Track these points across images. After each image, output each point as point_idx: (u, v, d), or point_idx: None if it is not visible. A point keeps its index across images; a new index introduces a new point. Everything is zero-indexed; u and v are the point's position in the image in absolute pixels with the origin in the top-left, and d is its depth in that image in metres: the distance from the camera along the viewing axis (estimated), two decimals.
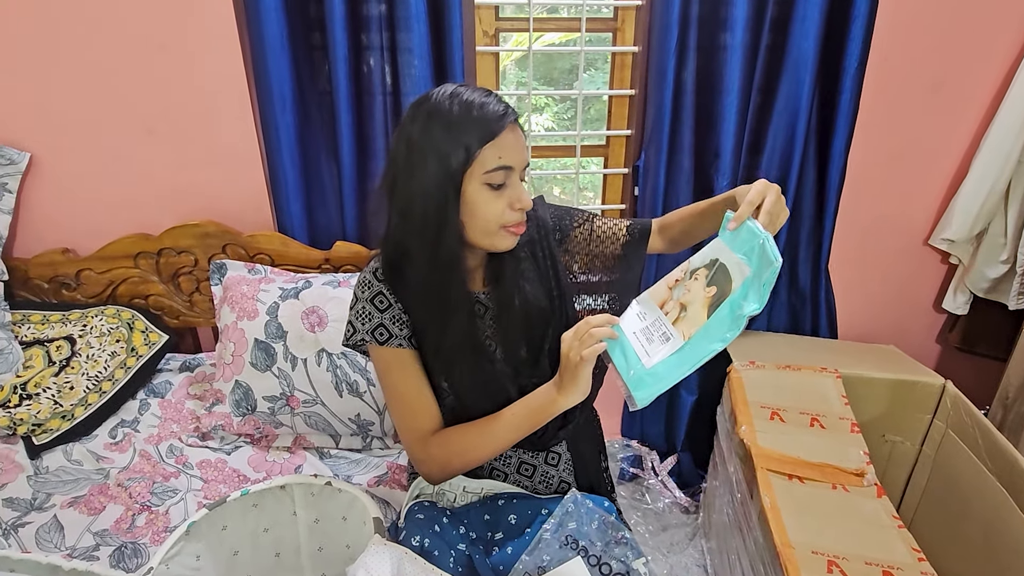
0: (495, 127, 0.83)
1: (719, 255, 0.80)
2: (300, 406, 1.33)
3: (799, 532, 1.05)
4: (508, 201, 0.86)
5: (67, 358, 1.41)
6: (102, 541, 1.10)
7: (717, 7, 1.43)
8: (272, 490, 0.94)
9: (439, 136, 0.82)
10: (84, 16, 1.36)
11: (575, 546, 0.88)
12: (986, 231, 1.67)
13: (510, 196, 0.86)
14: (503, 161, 0.84)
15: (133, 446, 1.31)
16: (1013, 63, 1.57)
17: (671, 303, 0.83)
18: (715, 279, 0.79)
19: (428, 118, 0.83)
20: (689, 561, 1.64)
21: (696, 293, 0.80)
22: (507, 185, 0.86)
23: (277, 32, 1.36)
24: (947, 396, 1.44)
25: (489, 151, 0.83)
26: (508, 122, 0.84)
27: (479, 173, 0.83)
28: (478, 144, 0.82)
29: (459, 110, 0.82)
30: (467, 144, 0.82)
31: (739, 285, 0.76)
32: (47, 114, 1.44)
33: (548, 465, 1.03)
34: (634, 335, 0.84)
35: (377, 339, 0.91)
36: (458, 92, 0.84)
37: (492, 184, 0.84)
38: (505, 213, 0.86)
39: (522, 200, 0.87)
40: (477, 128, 0.82)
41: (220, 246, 1.54)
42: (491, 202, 0.85)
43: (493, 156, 0.83)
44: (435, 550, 0.83)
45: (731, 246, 0.79)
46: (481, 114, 0.82)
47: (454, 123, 0.82)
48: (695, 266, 0.83)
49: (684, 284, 0.83)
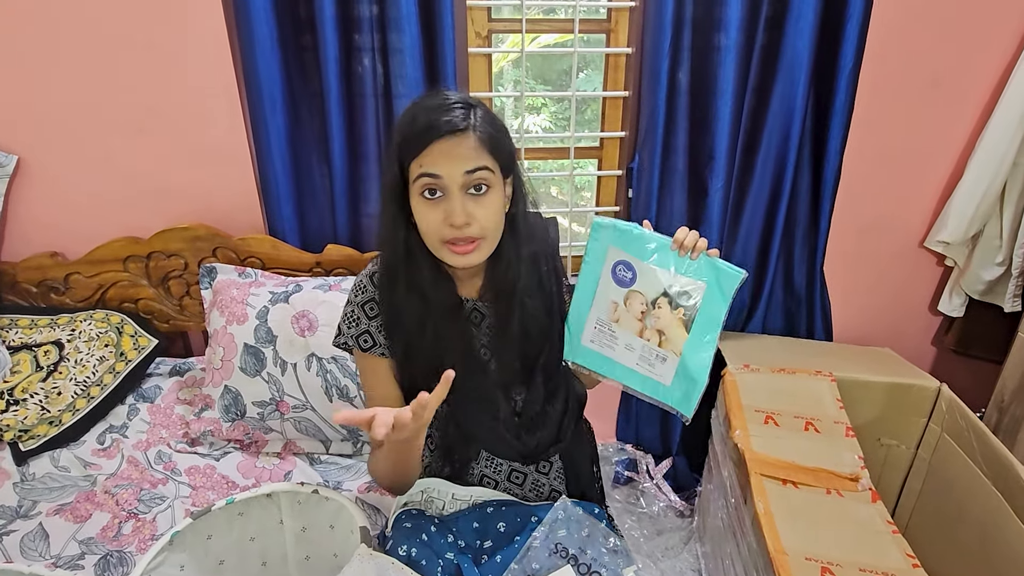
0: (425, 138, 0.81)
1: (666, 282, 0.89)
2: (290, 411, 1.32)
3: (793, 538, 1.04)
4: (443, 216, 0.83)
5: (55, 363, 1.39)
6: (87, 549, 1.08)
7: (711, 8, 1.42)
8: (258, 498, 0.93)
9: (393, 145, 0.85)
10: (72, 16, 1.35)
11: (565, 554, 0.87)
12: (981, 233, 1.67)
13: (444, 209, 0.83)
14: (424, 169, 0.81)
15: (121, 452, 1.30)
16: (1008, 65, 1.57)
17: (648, 331, 0.91)
18: (677, 304, 0.89)
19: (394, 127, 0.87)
20: (684, 566, 1.63)
21: (667, 319, 0.89)
22: (444, 197, 0.83)
23: (267, 33, 1.35)
24: (942, 399, 1.43)
25: (415, 162, 0.82)
26: (441, 134, 0.80)
27: (412, 183, 0.84)
28: (410, 155, 0.82)
29: (406, 119, 0.84)
30: (403, 154, 0.83)
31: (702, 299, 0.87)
32: (35, 116, 1.43)
33: (539, 473, 1.02)
34: (637, 365, 0.92)
35: (361, 345, 0.92)
36: (421, 100, 0.85)
37: (424, 195, 0.83)
38: (442, 227, 0.83)
39: (453, 214, 0.82)
40: (412, 139, 0.82)
41: (210, 249, 1.52)
42: (426, 214, 0.83)
43: (417, 167, 0.83)
44: (422, 559, 0.82)
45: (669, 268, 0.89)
46: (418, 124, 0.82)
47: (401, 133, 0.84)
48: (652, 297, 0.90)
49: (651, 314, 0.90)
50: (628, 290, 0.91)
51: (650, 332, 0.90)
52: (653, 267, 0.89)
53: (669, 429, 1.85)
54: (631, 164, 1.63)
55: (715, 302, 0.87)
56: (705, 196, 1.59)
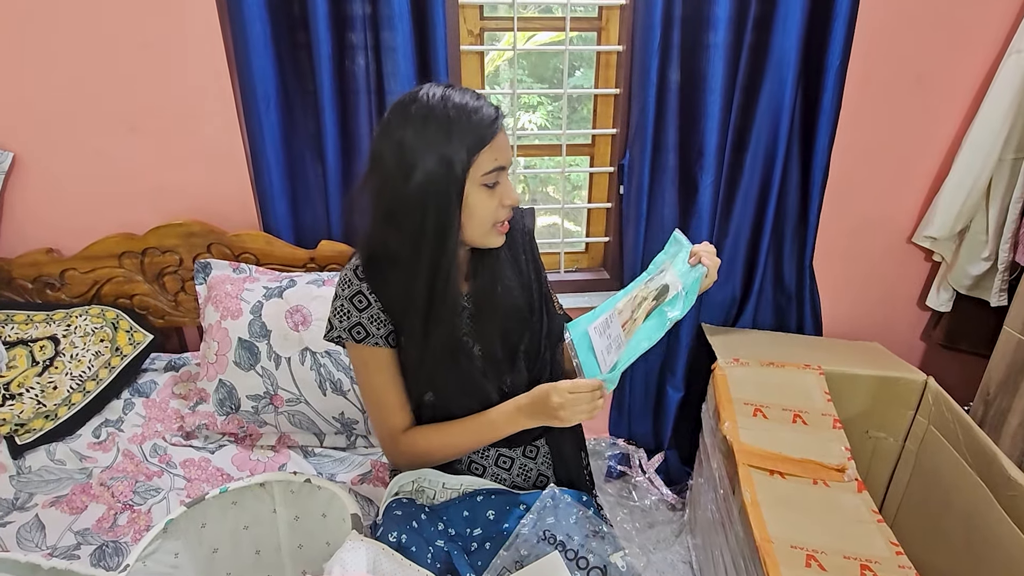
0: (491, 130, 0.85)
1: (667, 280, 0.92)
2: (284, 405, 1.33)
3: (778, 527, 1.05)
4: (499, 199, 0.89)
5: (51, 358, 1.40)
6: (83, 540, 1.09)
7: (700, 6, 1.44)
8: (252, 488, 0.94)
9: (437, 140, 0.83)
10: (68, 14, 1.36)
11: (553, 540, 0.88)
12: (968, 229, 1.69)
13: (501, 194, 0.89)
14: (499, 163, 0.87)
15: (116, 446, 1.31)
16: (994, 62, 1.59)
17: (630, 321, 0.93)
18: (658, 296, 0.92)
19: (423, 121, 0.83)
20: (675, 558, 1.65)
21: (643, 308, 0.92)
22: (500, 183, 0.89)
23: (260, 31, 1.36)
24: (929, 392, 1.45)
25: (487, 154, 0.85)
26: (500, 124, 0.87)
27: (477, 176, 0.85)
28: (478, 147, 0.84)
29: (455, 114, 0.83)
30: (469, 147, 0.83)
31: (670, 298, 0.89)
32: (30, 113, 1.44)
33: (526, 458, 1.04)
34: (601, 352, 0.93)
35: (354, 337, 0.93)
36: (449, 95, 0.85)
37: (488, 184, 0.87)
38: (497, 211, 0.90)
39: (511, 196, 0.90)
40: (475, 131, 0.83)
41: (205, 245, 1.53)
42: (486, 202, 0.88)
43: (490, 158, 0.85)
44: (412, 546, 0.84)
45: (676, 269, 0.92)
46: (478, 118, 0.84)
47: (454, 127, 0.83)
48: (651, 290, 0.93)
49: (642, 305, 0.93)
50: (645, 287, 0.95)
51: (631, 322, 0.92)
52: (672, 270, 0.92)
53: (661, 424, 1.87)
54: (622, 161, 1.65)
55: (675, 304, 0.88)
56: (695, 192, 1.61)
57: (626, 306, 0.95)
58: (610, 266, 1.82)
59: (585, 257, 1.88)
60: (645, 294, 0.93)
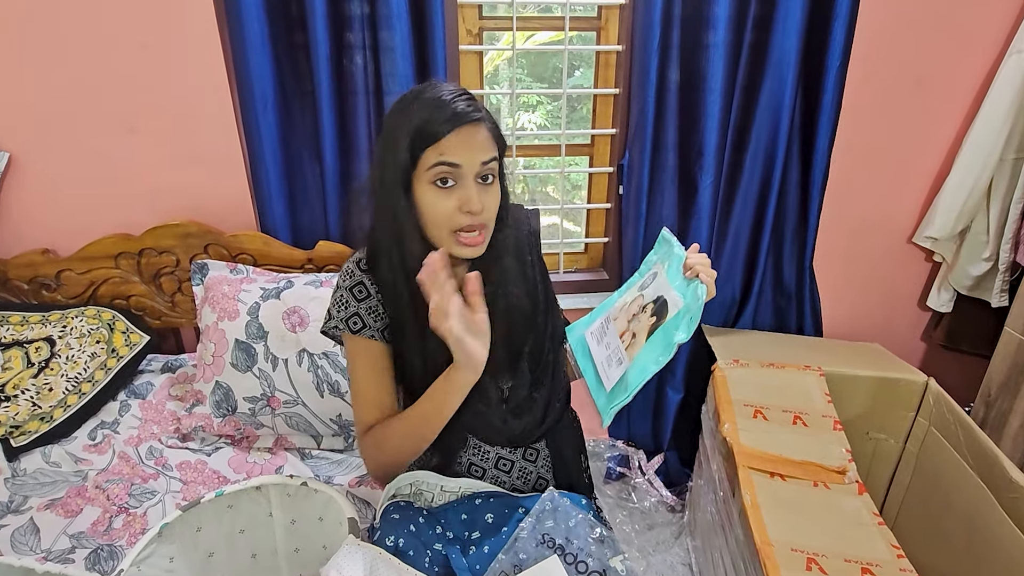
0: (447, 125, 0.82)
1: (662, 291, 0.89)
2: (281, 407, 1.32)
3: (779, 529, 1.05)
4: (458, 202, 0.84)
5: (46, 359, 1.40)
6: (78, 543, 1.08)
7: (700, 6, 1.44)
8: (248, 491, 0.93)
9: (397, 132, 0.83)
10: (65, 15, 1.35)
11: (552, 544, 0.88)
12: (969, 229, 1.68)
13: (459, 196, 0.84)
14: (444, 158, 0.82)
15: (112, 448, 1.30)
16: (994, 62, 1.58)
17: (627, 333, 0.91)
18: (657, 311, 0.88)
19: (392, 114, 0.85)
20: (675, 560, 1.64)
21: (643, 323, 0.89)
22: (458, 185, 0.84)
23: (258, 31, 1.36)
24: (930, 393, 1.44)
25: (433, 149, 0.82)
26: (463, 122, 0.82)
27: (422, 171, 0.83)
28: (424, 141, 0.82)
29: (416, 107, 0.83)
30: (413, 140, 0.82)
31: (672, 316, 0.85)
32: (27, 113, 1.43)
33: (526, 461, 1.03)
34: (600, 364, 0.92)
35: (351, 327, 0.92)
36: (424, 89, 0.85)
37: (438, 182, 0.83)
38: (454, 215, 0.84)
39: (471, 202, 0.83)
40: (429, 125, 0.81)
41: (202, 246, 1.52)
42: (438, 202, 0.83)
43: (435, 153, 0.82)
44: (410, 550, 0.83)
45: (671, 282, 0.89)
46: (437, 112, 0.82)
47: (413, 119, 0.82)
48: (647, 300, 0.91)
49: (638, 317, 0.91)
50: (639, 293, 0.93)
51: (628, 334, 0.90)
52: (665, 276, 0.90)
53: (661, 425, 1.86)
54: (622, 161, 1.64)
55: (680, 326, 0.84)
56: (695, 192, 1.60)
57: (621, 313, 0.93)
58: (609, 266, 1.82)
59: (584, 257, 1.87)
60: (641, 304, 0.91)
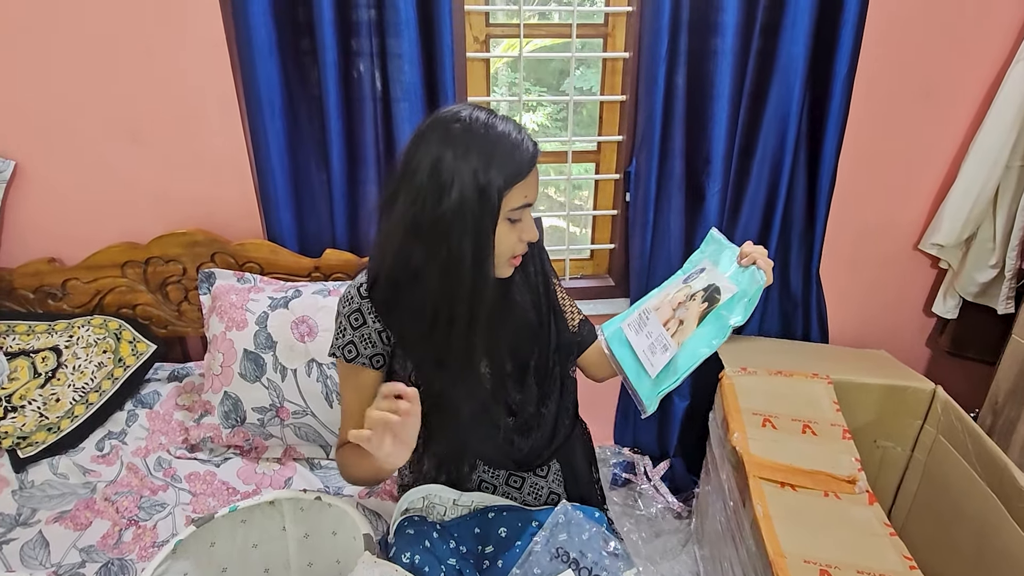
0: (529, 166, 0.83)
1: (714, 280, 0.89)
2: (290, 417, 1.32)
3: (791, 541, 1.05)
4: (519, 233, 0.88)
5: (53, 369, 1.39)
6: (88, 558, 1.08)
7: (707, 13, 1.44)
8: (261, 506, 0.93)
9: (478, 165, 0.80)
10: (71, 23, 1.35)
11: (566, 558, 0.88)
12: (975, 236, 1.69)
13: (521, 229, 0.88)
14: (528, 199, 0.86)
15: (120, 459, 1.30)
16: (1001, 69, 1.58)
17: (673, 320, 0.90)
18: (708, 297, 0.88)
19: (465, 143, 0.80)
20: (683, 569, 1.64)
21: (692, 310, 0.88)
22: (523, 219, 0.88)
23: (265, 37, 1.35)
24: (937, 401, 1.44)
25: (519, 189, 0.84)
26: (536, 160, 0.85)
27: (507, 209, 0.84)
28: (514, 180, 0.82)
29: (498, 142, 0.81)
30: (506, 178, 0.82)
31: (726, 299, 0.85)
32: (33, 122, 1.42)
33: (537, 477, 1.03)
34: (642, 352, 0.91)
35: (345, 356, 0.93)
36: (493, 122, 0.83)
37: (512, 219, 0.86)
38: (516, 245, 0.89)
39: (531, 232, 0.89)
40: (514, 164, 0.82)
41: (209, 255, 1.52)
42: (508, 235, 0.87)
43: (520, 194, 0.84)
44: (425, 566, 0.83)
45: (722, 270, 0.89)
46: (520, 152, 0.82)
47: (495, 155, 0.81)
48: (695, 290, 0.90)
49: (685, 305, 0.90)
50: (684, 285, 0.92)
51: (674, 322, 0.89)
52: (716, 269, 0.90)
53: (666, 431, 1.86)
54: (629, 168, 1.64)
55: (735, 310, 0.84)
56: (702, 199, 1.60)
57: (663, 304, 0.91)
58: (616, 273, 1.82)
59: (591, 264, 1.87)
60: (688, 293, 0.89)
